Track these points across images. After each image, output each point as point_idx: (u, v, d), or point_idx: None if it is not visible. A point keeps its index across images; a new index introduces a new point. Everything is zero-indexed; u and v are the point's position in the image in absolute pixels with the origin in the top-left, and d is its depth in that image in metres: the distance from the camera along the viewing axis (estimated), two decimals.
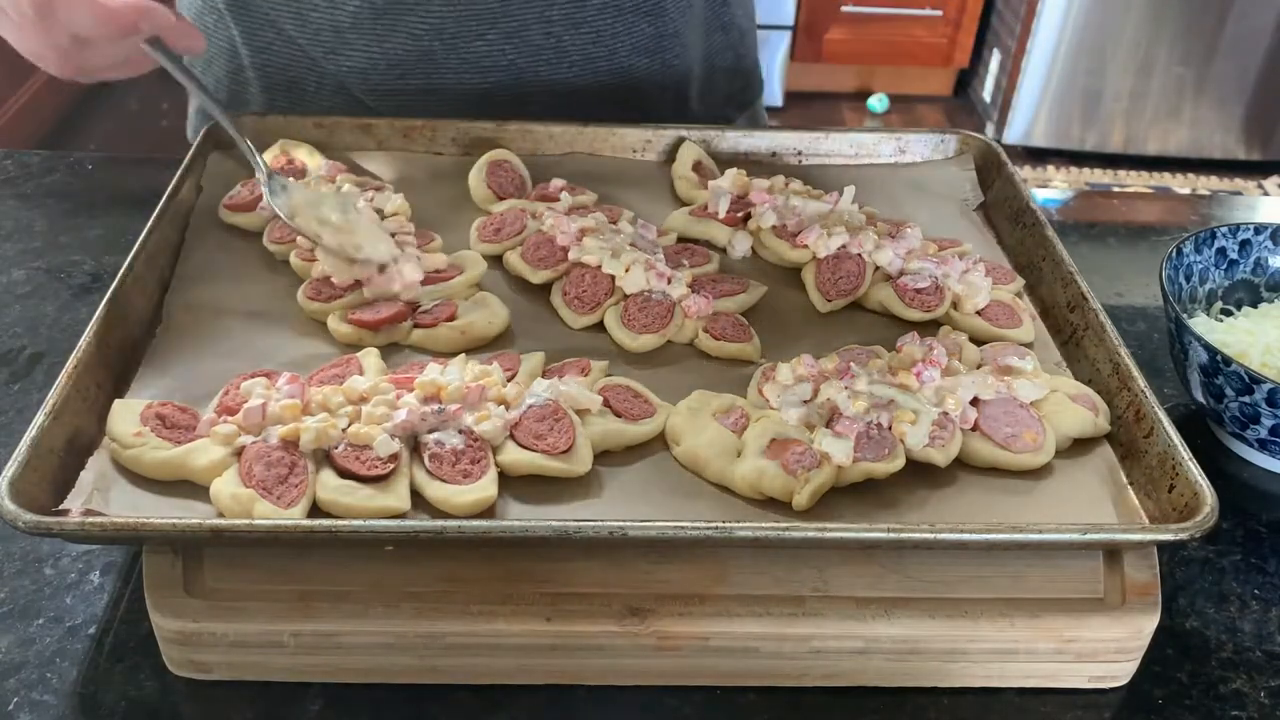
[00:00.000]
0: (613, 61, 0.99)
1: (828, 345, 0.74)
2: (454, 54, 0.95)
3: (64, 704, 0.59)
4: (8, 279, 0.90)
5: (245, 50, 0.99)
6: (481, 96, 0.97)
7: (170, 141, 3.10)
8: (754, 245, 0.84)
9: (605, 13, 0.96)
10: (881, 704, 0.61)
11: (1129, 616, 0.60)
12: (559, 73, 0.97)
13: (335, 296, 0.74)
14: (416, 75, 0.96)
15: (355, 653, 0.59)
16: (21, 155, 1.07)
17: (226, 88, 1.02)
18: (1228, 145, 3.35)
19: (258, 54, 0.99)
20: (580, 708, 0.60)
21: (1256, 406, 0.72)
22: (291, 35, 0.96)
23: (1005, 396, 0.67)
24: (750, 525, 0.58)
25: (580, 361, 0.70)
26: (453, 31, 0.94)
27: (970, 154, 0.95)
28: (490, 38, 0.94)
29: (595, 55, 0.98)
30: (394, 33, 0.94)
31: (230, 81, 1.02)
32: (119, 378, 0.68)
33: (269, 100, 1.01)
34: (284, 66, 0.98)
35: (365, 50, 0.95)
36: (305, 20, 0.95)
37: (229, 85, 1.02)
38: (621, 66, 0.99)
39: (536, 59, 0.96)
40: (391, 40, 0.94)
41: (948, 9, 3.45)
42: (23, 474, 0.56)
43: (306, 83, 0.99)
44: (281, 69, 0.99)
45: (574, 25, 0.96)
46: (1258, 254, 0.86)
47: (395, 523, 0.57)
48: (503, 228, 0.82)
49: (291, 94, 1.00)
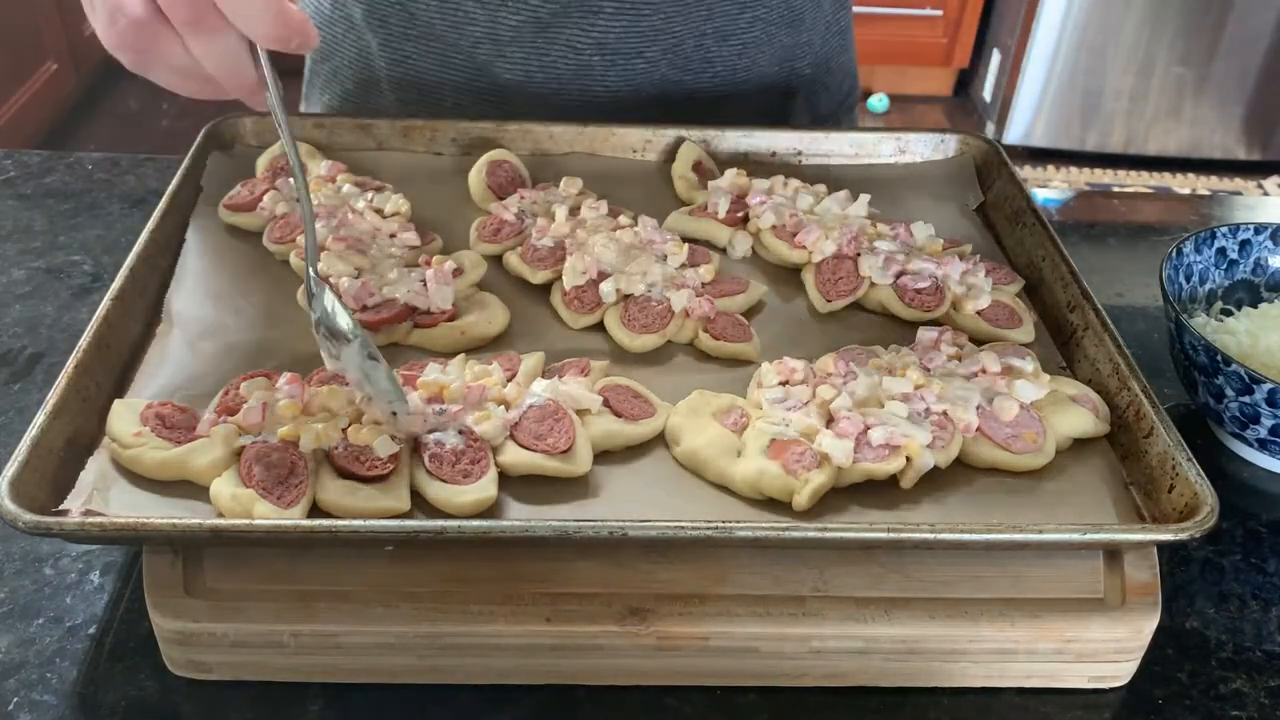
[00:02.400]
0: (752, 71, 1.00)
1: (828, 345, 0.74)
2: (613, 69, 0.95)
3: (64, 704, 0.59)
4: (8, 279, 0.90)
5: (382, 62, 0.98)
6: (627, 107, 0.98)
7: (170, 141, 3.10)
8: (754, 245, 0.84)
9: (755, 26, 0.98)
10: (881, 704, 0.61)
11: (1129, 616, 0.60)
12: (701, 83, 0.99)
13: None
14: (573, 89, 0.96)
15: (355, 653, 0.59)
16: (21, 155, 1.07)
17: (355, 99, 1.02)
18: (1228, 145, 3.35)
19: (395, 66, 0.98)
20: (580, 708, 0.60)
21: (1256, 406, 0.72)
22: (444, 46, 0.95)
23: (1005, 397, 0.67)
24: (750, 525, 0.58)
25: (580, 361, 0.70)
26: (614, 47, 0.94)
27: (970, 154, 0.95)
28: (649, 55, 0.95)
29: (739, 66, 0.99)
30: (554, 45, 0.94)
31: (359, 93, 1.01)
32: (119, 378, 0.68)
33: (403, 111, 1.00)
34: (420, 77, 0.98)
35: (524, 63, 0.95)
36: (463, 32, 0.94)
37: (358, 97, 1.02)
38: (760, 75, 1.01)
39: (684, 71, 0.97)
40: (551, 53, 0.94)
41: (948, 9, 3.45)
42: (23, 474, 0.56)
43: (444, 93, 0.98)
44: (416, 80, 0.98)
45: (723, 38, 0.97)
46: (1258, 254, 0.86)
47: (395, 523, 0.57)
48: (503, 228, 0.83)
49: (425, 100, 0.99)
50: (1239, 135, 3.33)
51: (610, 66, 0.95)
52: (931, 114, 3.63)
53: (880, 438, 0.63)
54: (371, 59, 0.99)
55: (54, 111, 3.10)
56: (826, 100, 1.10)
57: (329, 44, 1.02)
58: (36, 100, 2.98)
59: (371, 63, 0.99)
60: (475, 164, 0.88)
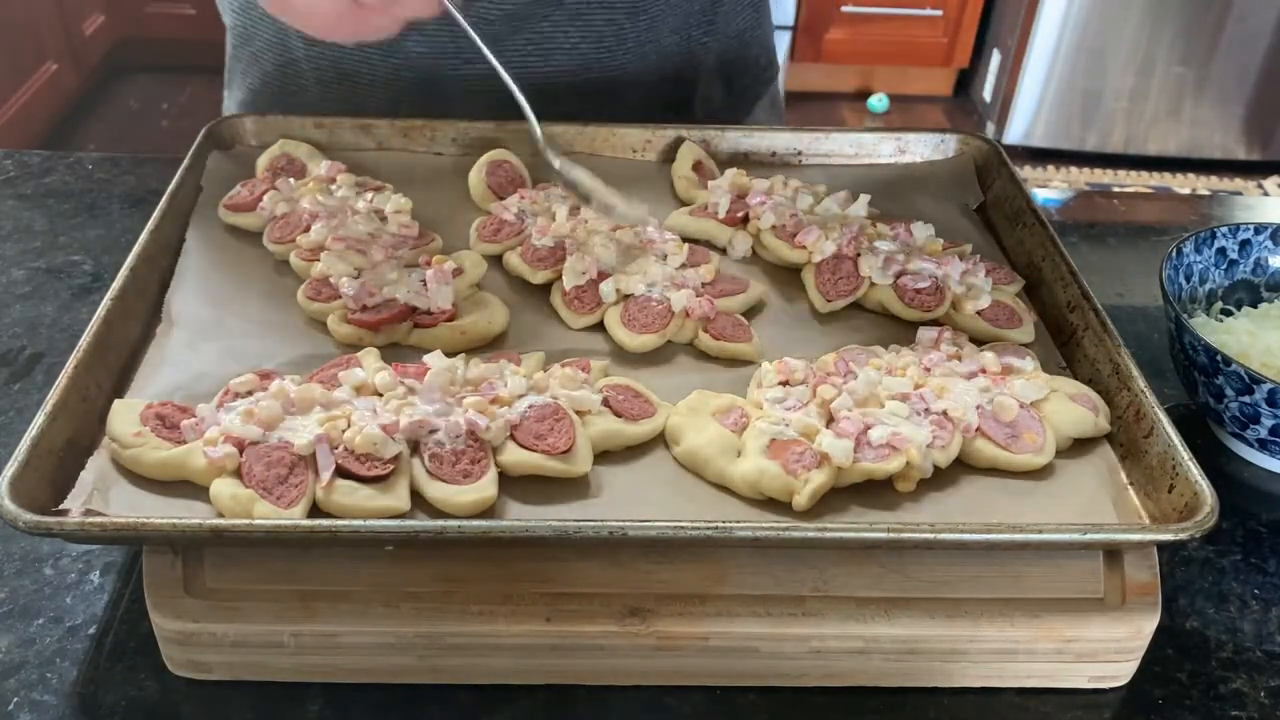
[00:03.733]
0: (661, 44, 1.00)
1: (828, 345, 0.74)
2: (519, 34, 0.94)
3: (64, 704, 0.59)
4: (8, 279, 0.90)
5: (298, 41, 0.98)
6: (540, 85, 0.96)
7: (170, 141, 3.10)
8: (754, 245, 0.84)
9: None
10: (881, 704, 0.61)
11: (1129, 616, 0.60)
12: (615, 59, 0.98)
13: (335, 296, 0.74)
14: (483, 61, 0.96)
15: (355, 653, 0.59)
16: (21, 155, 1.07)
17: (276, 81, 1.02)
18: (1228, 145, 3.35)
19: (311, 45, 0.98)
20: (580, 708, 0.60)
21: (1256, 406, 0.72)
22: None
23: (1005, 397, 0.67)
24: (750, 525, 0.58)
25: (580, 361, 0.70)
26: (524, 18, 0.93)
27: (970, 154, 0.95)
28: (555, 18, 0.94)
29: (646, 40, 0.98)
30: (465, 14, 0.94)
31: (279, 76, 1.01)
32: (119, 378, 0.68)
33: (323, 93, 1.00)
34: (338, 59, 0.98)
35: (434, 35, 0.94)
36: None
37: (278, 80, 1.01)
38: (664, 49, 1.00)
39: (599, 46, 0.97)
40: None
41: (948, 9, 3.45)
42: (23, 474, 0.56)
43: (360, 75, 0.98)
44: (335, 61, 0.98)
45: (633, 13, 0.96)
46: (1258, 254, 0.86)
47: (395, 523, 0.58)
48: (503, 228, 0.83)
49: (344, 86, 0.99)
50: (1239, 135, 3.33)
51: (516, 37, 0.94)
52: (931, 114, 3.63)
53: (880, 438, 0.63)
54: (289, 40, 0.99)
55: (54, 111, 3.10)
56: (743, 76, 1.10)
57: (248, 27, 1.01)
58: (36, 100, 2.98)
59: (289, 43, 0.99)
60: (475, 164, 0.88)
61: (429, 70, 0.97)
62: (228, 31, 1.05)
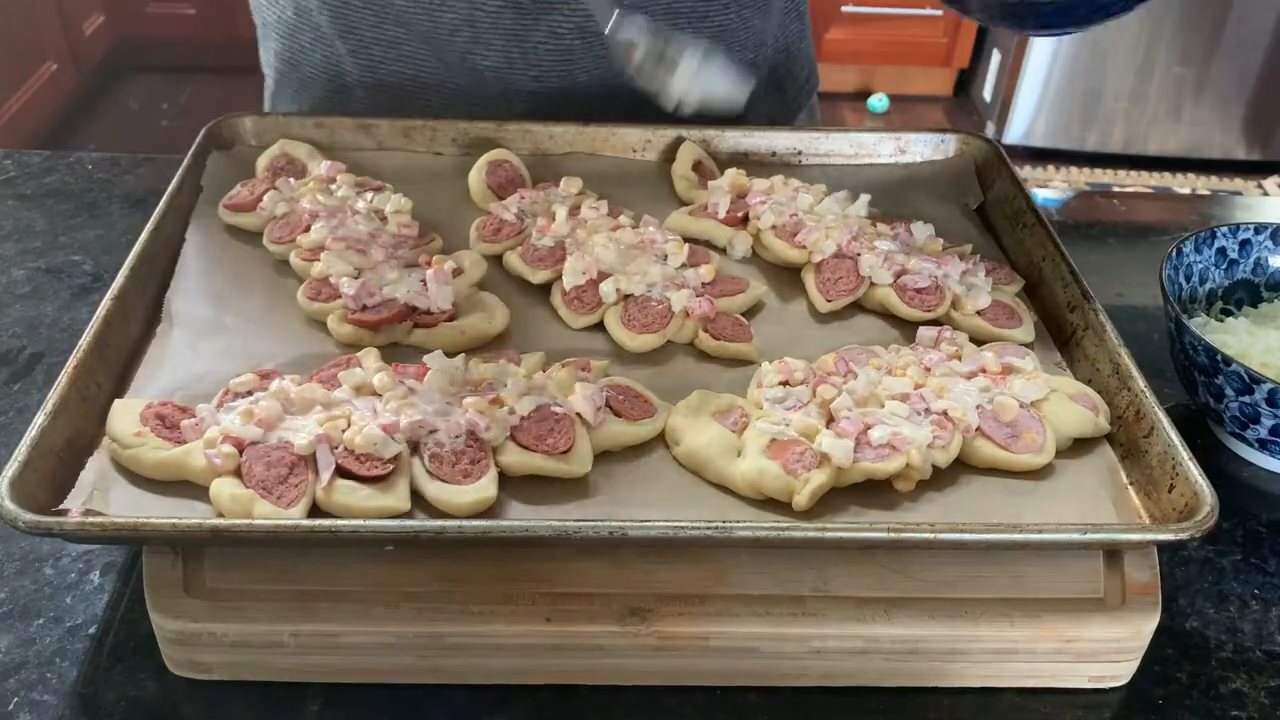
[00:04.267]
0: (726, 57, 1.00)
1: (828, 345, 0.74)
2: (593, 55, 0.95)
3: (64, 704, 0.59)
4: (8, 279, 0.90)
5: (352, 67, 0.98)
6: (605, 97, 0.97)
7: (170, 141, 3.10)
8: (754, 245, 0.84)
9: (729, 9, 0.98)
10: (881, 704, 0.61)
11: (1129, 616, 0.60)
12: None
13: (335, 296, 0.74)
14: (553, 76, 0.96)
15: (355, 653, 0.59)
16: (21, 155, 1.07)
17: (328, 108, 1.01)
18: (1228, 145, 3.35)
19: (367, 71, 0.97)
20: (580, 708, 0.60)
21: (1256, 406, 0.72)
22: (418, 44, 0.95)
23: (1005, 397, 0.67)
24: (750, 525, 0.58)
25: (580, 361, 0.70)
26: (595, 32, 0.93)
27: (970, 154, 0.95)
28: None
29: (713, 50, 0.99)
30: (534, 31, 0.93)
31: (329, 102, 1.01)
32: (119, 378, 0.68)
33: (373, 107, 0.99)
34: (394, 80, 0.97)
35: (504, 50, 0.94)
36: (439, 21, 0.93)
37: (329, 106, 1.01)
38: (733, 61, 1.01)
39: None
40: (532, 39, 0.93)
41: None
42: (23, 474, 0.56)
43: (415, 94, 0.98)
44: (389, 84, 0.97)
45: (699, 18, 0.97)
46: (1258, 254, 0.86)
47: (395, 523, 0.58)
48: (503, 228, 0.83)
49: (400, 106, 0.98)
50: (1239, 135, 3.33)
51: (590, 52, 0.94)
52: (931, 114, 3.63)
53: (880, 438, 0.63)
54: (341, 64, 0.98)
55: (54, 111, 3.10)
56: (790, 86, 1.10)
57: (296, 53, 1.01)
58: (36, 100, 2.98)
59: (341, 68, 0.98)
60: (475, 164, 0.88)
61: (494, 81, 0.96)
62: (273, 55, 1.04)
